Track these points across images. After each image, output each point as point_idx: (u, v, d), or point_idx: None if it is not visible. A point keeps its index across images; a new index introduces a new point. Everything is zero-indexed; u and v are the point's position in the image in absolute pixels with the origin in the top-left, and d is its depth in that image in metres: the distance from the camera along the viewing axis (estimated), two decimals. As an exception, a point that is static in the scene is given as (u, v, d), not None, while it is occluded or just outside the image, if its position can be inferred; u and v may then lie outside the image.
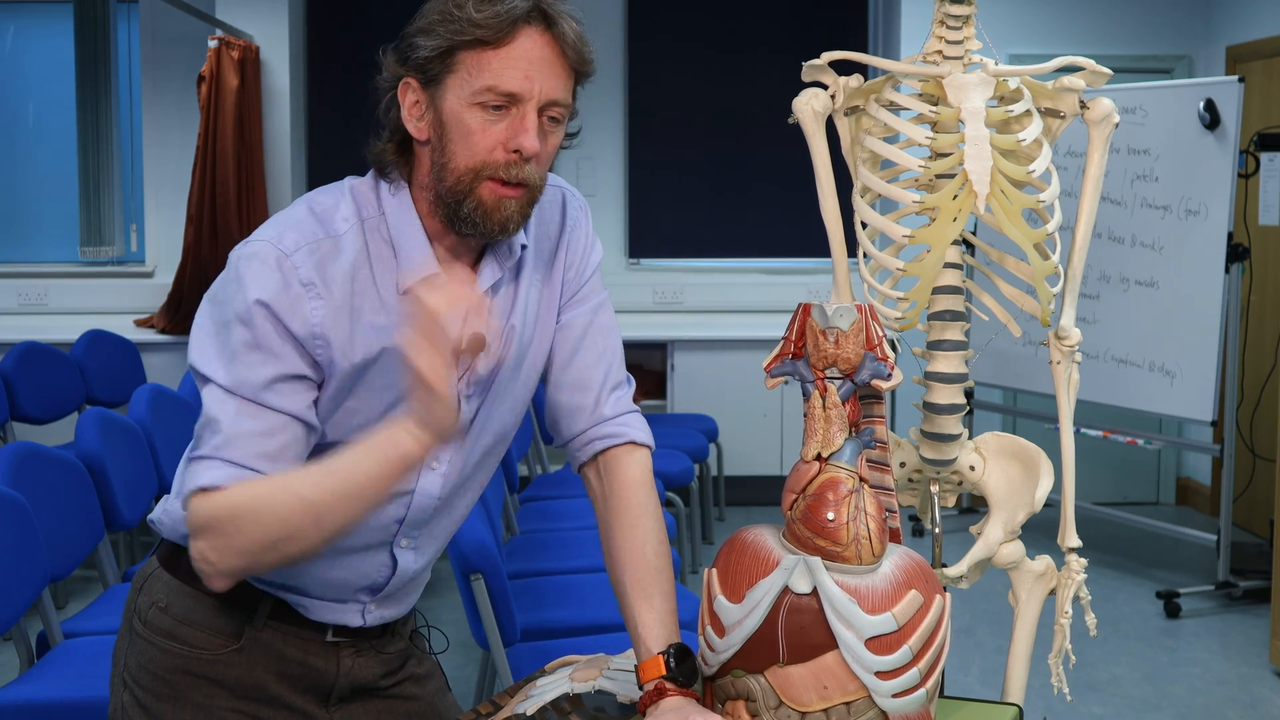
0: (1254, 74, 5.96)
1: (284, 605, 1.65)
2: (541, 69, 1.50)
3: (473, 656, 3.94)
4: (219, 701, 1.63)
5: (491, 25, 1.47)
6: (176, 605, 1.64)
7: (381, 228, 1.56)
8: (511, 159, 1.51)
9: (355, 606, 1.68)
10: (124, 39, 6.57)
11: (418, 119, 1.54)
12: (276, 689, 1.65)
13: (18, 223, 6.76)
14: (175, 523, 1.63)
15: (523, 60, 1.49)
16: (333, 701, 1.70)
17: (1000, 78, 2.15)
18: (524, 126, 1.50)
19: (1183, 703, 4.06)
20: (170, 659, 1.63)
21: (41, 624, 2.95)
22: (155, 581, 1.67)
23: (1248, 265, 5.11)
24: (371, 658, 1.72)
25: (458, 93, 1.50)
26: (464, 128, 1.50)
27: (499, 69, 1.48)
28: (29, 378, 4.94)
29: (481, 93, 1.49)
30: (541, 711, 1.57)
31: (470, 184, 1.52)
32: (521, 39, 1.49)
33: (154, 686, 1.64)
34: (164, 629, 1.64)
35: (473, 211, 1.52)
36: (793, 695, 1.43)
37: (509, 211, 1.53)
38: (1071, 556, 2.27)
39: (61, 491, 3.12)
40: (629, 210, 6.76)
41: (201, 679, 1.63)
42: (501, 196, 1.52)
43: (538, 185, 1.55)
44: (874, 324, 1.53)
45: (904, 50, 6.25)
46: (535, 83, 1.50)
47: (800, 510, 1.47)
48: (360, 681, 1.71)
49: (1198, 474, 6.44)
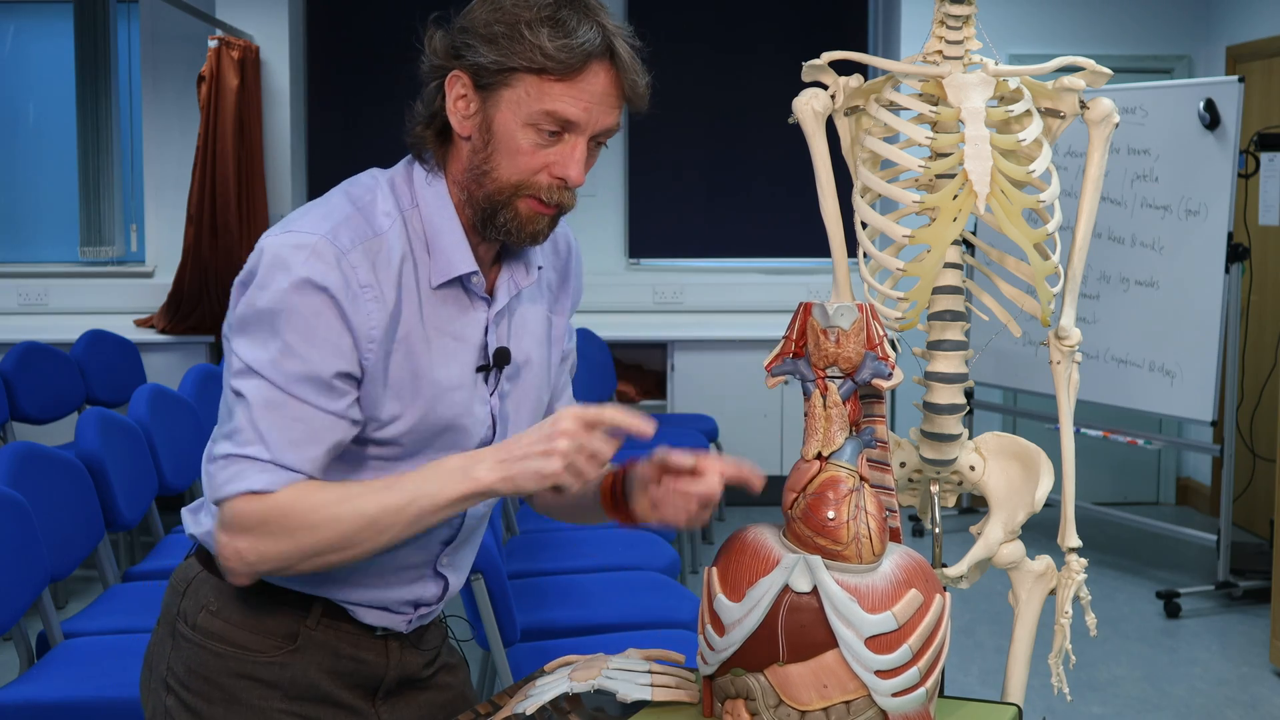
0: (1254, 74, 5.96)
1: (334, 604, 1.64)
2: (602, 103, 1.49)
3: (473, 656, 3.94)
4: (273, 703, 1.61)
5: (563, 61, 1.45)
6: (229, 608, 1.61)
7: (416, 221, 1.55)
8: (555, 183, 1.51)
9: (402, 618, 1.68)
10: (124, 39, 6.57)
11: (464, 115, 1.51)
12: (329, 687, 1.64)
13: (18, 223, 6.76)
14: None
15: (586, 94, 1.48)
16: (380, 695, 1.70)
17: (1000, 78, 2.15)
18: (573, 158, 1.50)
19: (1183, 703, 4.06)
20: (222, 662, 1.61)
21: (41, 624, 2.95)
22: (201, 585, 1.63)
23: (1248, 265, 5.11)
24: (416, 649, 1.73)
25: (513, 109, 1.48)
26: (514, 145, 1.49)
27: (560, 97, 1.47)
28: (29, 378, 4.94)
29: (539, 116, 1.47)
30: (541, 711, 1.57)
31: (510, 198, 1.52)
32: (588, 75, 1.48)
33: (204, 690, 1.61)
34: (215, 632, 1.61)
35: (508, 222, 1.53)
36: (792, 694, 1.43)
37: (541, 225, 1.55)
38: (1071, 556, 2.27)
39: (61, 491, 3.12)
40: (629, 210, 6.76)
41: (255, 681, 1.61)
42: (538, 213, 1.53)
43: (572, 204, 1.56)
44: (875, 323, 1.53)
45: (904, 50, 6.25)
46: (593, 115, 1.49)
47: (801, 509, 1.47)
48: (407, 673, 1.71)
49: (1198, 474, 6.44)
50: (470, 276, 1.56)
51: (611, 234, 6.74)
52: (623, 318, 6.46)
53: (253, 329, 1.47)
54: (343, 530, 1.45)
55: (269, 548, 1.46)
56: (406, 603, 1.67)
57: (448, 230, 1.55)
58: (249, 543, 1.46)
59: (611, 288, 6.61)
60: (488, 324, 1.59)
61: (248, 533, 1.46)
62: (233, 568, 1.48)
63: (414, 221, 1.55)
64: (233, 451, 1.47)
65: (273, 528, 1.45)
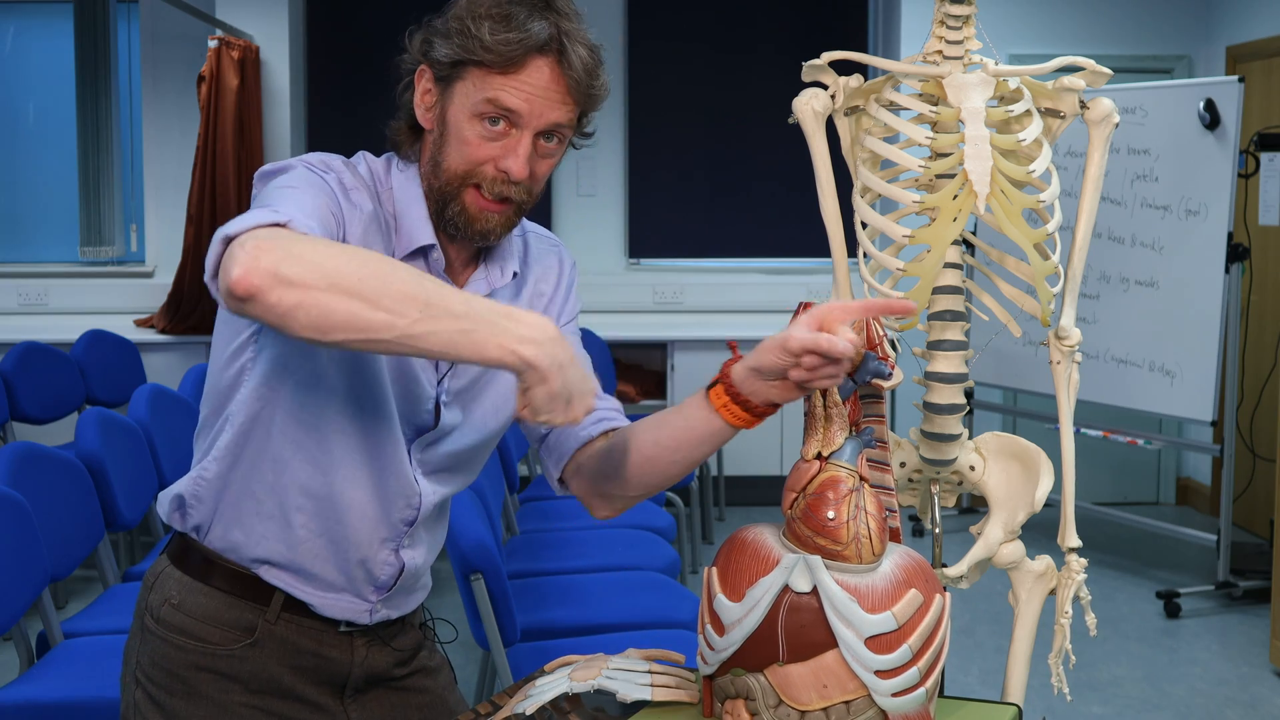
0: (1254, 74, 5.96)
1: (296, 599, 1.65)
2: (545, 97, 1.53)
3: (473, 656, 3.94)
4: (234, 696, 1.63)
5: (502, 53, 1.50)
6: (189, 601, 1.64)
7: (388, 202, 1.60)
8: (498, 176, 1.54)
9: (364, 605, 1.68)
10: (124, 39, 6.57)
11: (426, 109, 1.58)
12: (291, 681, 1.65)
13: (18, 223, 6.76)
14: (200, 499, 1.63)
15: (526, 86, 1.51)
16: (348, 693, 1.70)
17: (1000, 78, 2.15)
18: (515, 150, 1.53)
19: (1183, 703, 4.06)
20: (184, 655, 1.63)
21: (41, 624, 2.95)
22: (166, 579, 1.67)
23: (1248, 265, 5.11)
24: (385, 647, 1.73)
25: (463, 100, 1.54)
26: (461, 135, 1.54)
27: (501, 87, 1.51)
28: (29, 378, 4.94)
29: (482, 105, 1.52)
30: (541, 711, 1.57)
31: (457, 188, 1.56)
32: (530, 69, 1.51)
33: (167, 683, 1.64)
34: (177, 625, 1.64)
35: (456, 215, 1.57)
36: (792, 694, 1.43)
37: (491, 224, 1.57)
38: (1071, 556, 2.27)
39: (61, 491, 3.12)
40: (629, 210, 6.76)
41: (215, 674, 1.63)
42: (483, 208, 1.56)
43: (525, 201, 1.58)
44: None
45: (904, 50, 6.25)
46: (535, 107, 1.52)
47: (800, 509, 1.47)
48: (375, 671, 1.72)
49: (1198, 474, 6.44)
50: (430, 251, 1.59)
51: (611, 234, 6.74)
52: (623, 318, 6.45)
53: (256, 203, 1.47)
54: (389, 276, 1.29)
55: (300, 244, 1.29)
56: (365, 579, 1.65)
57: (414, 209, 1.59)
58: (278, 239, 1.29)
59: (611, 288, 6.61)
60: None
61: (276, 237, 1.29)
62: (257, 255, 1.26)
63: (386, 202, 1.60)
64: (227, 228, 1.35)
65: (309, 238, 1.32)
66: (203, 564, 1.64)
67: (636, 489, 1.65)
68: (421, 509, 1.66)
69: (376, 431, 1.60)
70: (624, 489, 1.65)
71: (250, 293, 1.25)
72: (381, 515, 1.63)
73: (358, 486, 1.61)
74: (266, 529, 1.62)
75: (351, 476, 1.60)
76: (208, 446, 1.64)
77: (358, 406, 1.58)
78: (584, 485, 1.70)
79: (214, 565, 1.64)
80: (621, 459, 1.63)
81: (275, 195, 1.45)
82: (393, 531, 1.65)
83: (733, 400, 1.50)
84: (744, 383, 1.49)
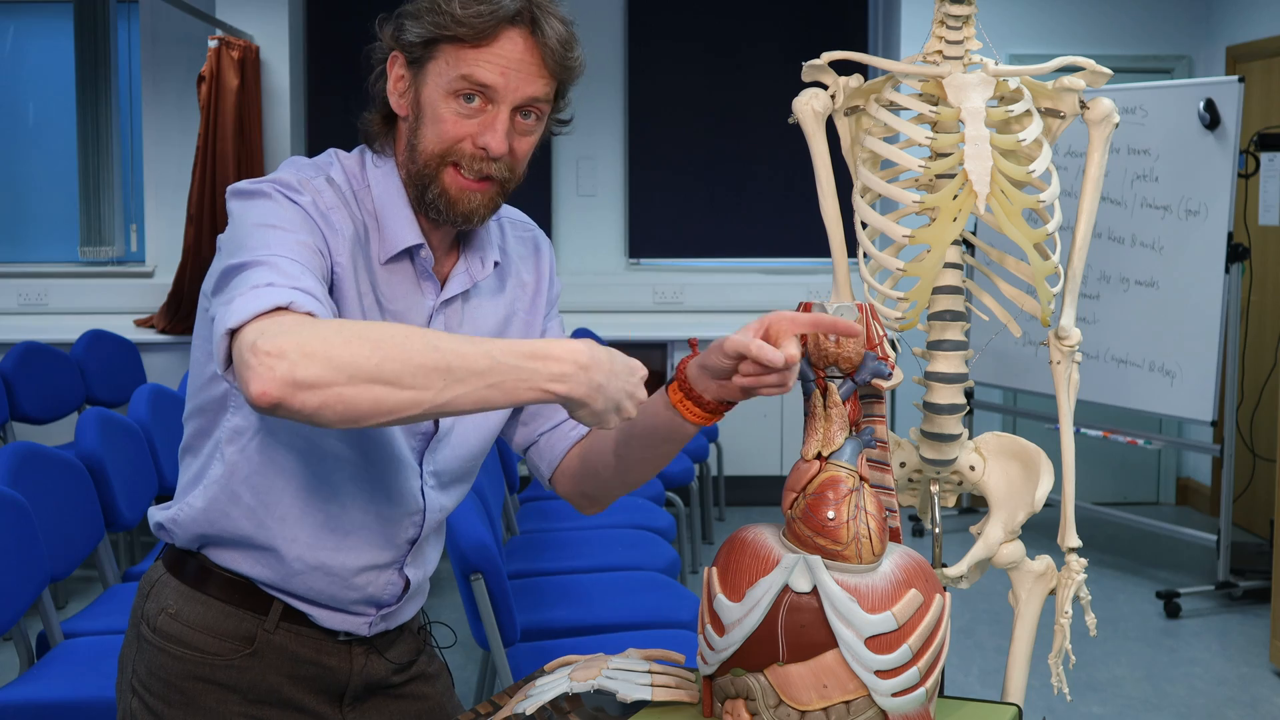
0: (1254, 74, 5.96)
1: (293, 608, 1.64)
2: (520, 69, 1.50)
3: (473, 656, 3.94)
4: (231, 707, 1.61)
5: (474, 25, 1.48)
6: (187, 611, 1.62)
7: (367, 201, 1.57)
8: (477, 153, 1.52)
9: (363, 620, 1.67)
10: (124, 39, 6.57)
11: (400, 95, 1.56)
12: (290, 691, 1.64)
13: (18, 223, 6.76)
14: (182, 526, 1.62)
15: (500, 59, 1.49)
16: (346, 702, 1.69)
17: (1000, 78, 2.15)
18: (493, 126, 1.51)
19: (1183, 703, 4.06)
20: (181, 665, 1.61)
21: (41, 624, 2.95)
22: (163, 587, 1.64)
23: (1248, 265, 5.11)
24: (383, 656, 1.72)
25: (437, 80, 1.51)
26: (437, 114, 1.51)
27: (475, 62, 1.49)
28: (29, 378, 4.94)
29: (457, 82, 1.50)
30: (541, 711, 1.57)
31: (435, 169, 1.53)
32: (503, 40, 1.49)
33: (164, 693, 1.62)
34: (174, 635, 1.62)
35: (437, 198, 1.54)
36: (792, 694, 1.43)
37: (474, 205, 1.54)
38: (1071, 556, 2.27)
39: (61, 491, 3.12)
40: (629, 210, 6.75)
41: (213, 684, 1.61)
42: (464, 188, 1.53)
43: (507, 180, 1.55)
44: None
45: (904, 50, 6.25)
46: (511, 81, 1.50)
47: (800, 509, 1.47)
48: (374, 679, 1.70)
49: (1198, 474, 6.44)
50: (418, 250, 1.57)
51: (611, 234, 6.74)
52: (623, 318, 6.45)
53: (224, 255, 1.43)
54: (406, 352, 1.26)
55: (311, 341, 1.24)
56: (366, 601, 1.65)
57: (396, 207, 1.56)
58: (286, 337, 1.24)
59: (611, 288, 6.61)
60: (432, 311, 1.59)
61: (283, 334, 1.25)
62: (270, 365, 1.22)
63: (365, 201, 1.57)
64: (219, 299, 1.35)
65: (315, 327, 1.27)
66: (199, 572, 1.63)
67: (614, 487, 1.68)
68: (425, 525, 1.65)
69: (377, 450, 1.58)
70: (603, 488, 1.69)
71: (273, 405, 1.23)
72: (385, 539, 1.62)
73: (359, 511, 1.59)
74: (259, 557, 1.60)
75: (352, 503, 1.59)
76: (195, 476, 1.61)
77: (357, 430, 1.52)
78: (568, 485, 1.72)
79: (211, 574, 1.62)
80: (597, 459, 1.66)
81: (257, 237, 1.40)
82: (397, 553, 1.64)
83: (686, 397, 1.51)
84: (697, 380, 1.50)
